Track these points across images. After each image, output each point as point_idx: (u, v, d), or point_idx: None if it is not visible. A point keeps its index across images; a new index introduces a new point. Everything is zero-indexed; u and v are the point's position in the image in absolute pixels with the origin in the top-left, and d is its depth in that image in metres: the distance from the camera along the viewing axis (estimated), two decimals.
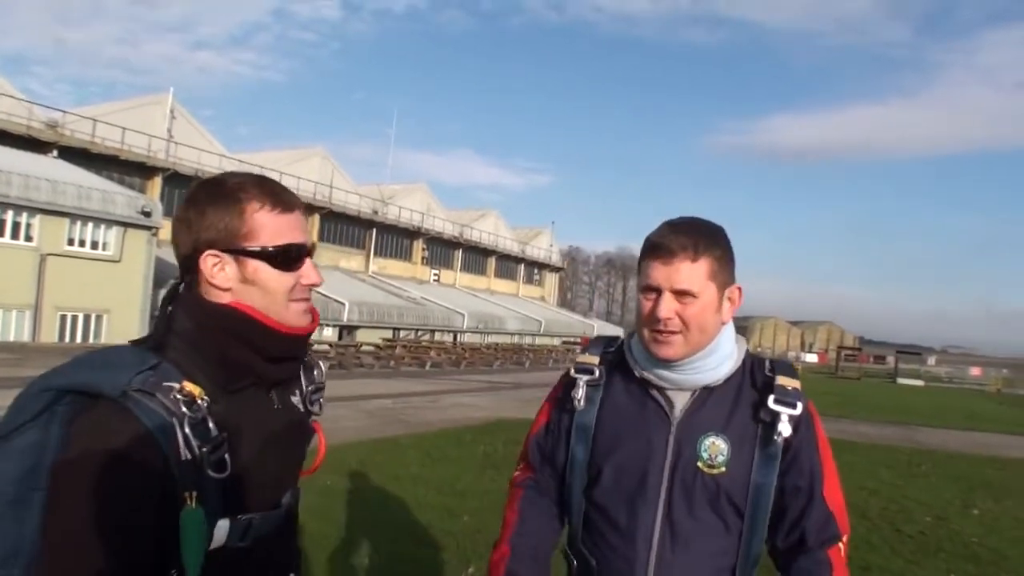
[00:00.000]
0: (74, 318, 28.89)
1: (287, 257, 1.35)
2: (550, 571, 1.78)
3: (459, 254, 61.12)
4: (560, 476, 1.82)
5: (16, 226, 26.74)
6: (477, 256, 63.36)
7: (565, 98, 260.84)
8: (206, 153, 40.38)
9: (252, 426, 1.35)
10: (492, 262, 65.11)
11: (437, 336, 46.49)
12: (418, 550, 5.66)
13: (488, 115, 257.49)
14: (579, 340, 52.61)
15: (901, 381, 48.47)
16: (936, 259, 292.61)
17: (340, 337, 38.23)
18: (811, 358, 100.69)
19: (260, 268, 1.34)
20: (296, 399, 1.50)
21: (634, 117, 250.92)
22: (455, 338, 47.87)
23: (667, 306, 1.62)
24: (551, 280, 75.66)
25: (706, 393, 1.70)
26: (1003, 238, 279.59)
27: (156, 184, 37.37)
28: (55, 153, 32.90)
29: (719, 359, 1.70)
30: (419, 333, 45.04)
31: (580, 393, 1.76)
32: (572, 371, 1.82)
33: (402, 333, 42.94)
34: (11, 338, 26.59)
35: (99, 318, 29.49)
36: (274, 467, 1.39)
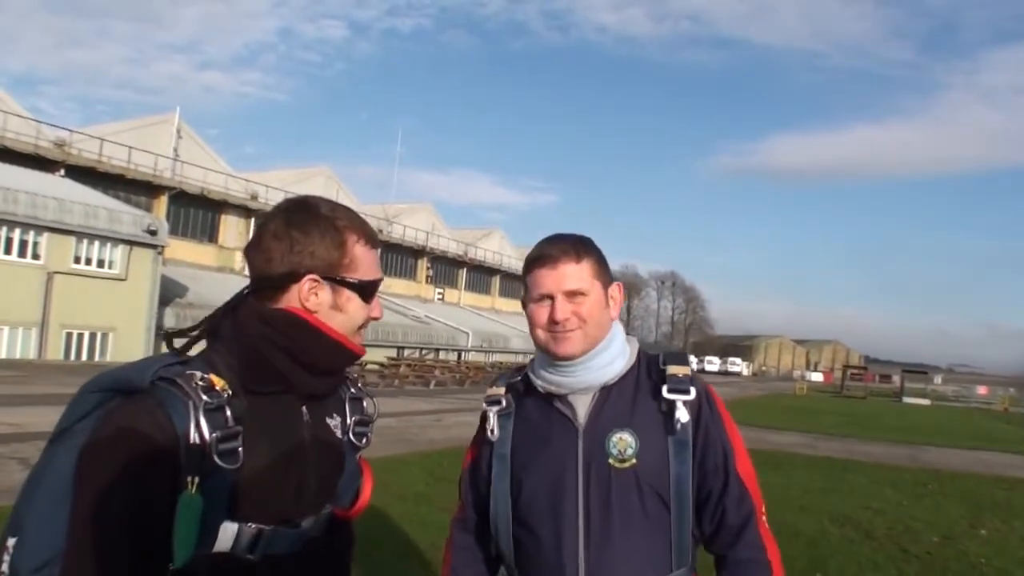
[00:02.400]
0: (80, 336, 28.99)
1: (372, 291, 1.46)
2: None
3: (463, 273, 61.24)
4: (485, 509, 1.85)
5: (23, 244, 26.96)
6: (481, 275, 63.48)
7: (569, 118, 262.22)
8: (212, 172, 40.64)
9: (273, 429, 1.36)
10: (496, 281, 65.19)
11: (441, 355, 46.48)
12: (423, 570, 5.65)
13: (493, 135, 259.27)
14: None
15: (907, 400, 48.37)
16: (942, 278, 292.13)
17: None
18: (816, 377, 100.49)
19: (352, 299, 1.43)
20: (333, 423, 1.52)
21: (637, 137, 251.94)
22: (459, 357, 47.85)
23: (562, 308, 1.70)
24: None
25: (606, 392, 1.75)
26: (1009, 257, 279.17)
27: (162, 203, 37.61)
28: (62, 172, 33.19)
29: (612, 355, 1.76)
30: (423, 352, 45.01)
31: (492, 423, 1.82)
32: (484, 405, 1.87)
33: (406, 352, 42.92)
34: (17, 355, 26.72)
35: (105, 336, 29.58)
36: (293, 479, 1.38)
